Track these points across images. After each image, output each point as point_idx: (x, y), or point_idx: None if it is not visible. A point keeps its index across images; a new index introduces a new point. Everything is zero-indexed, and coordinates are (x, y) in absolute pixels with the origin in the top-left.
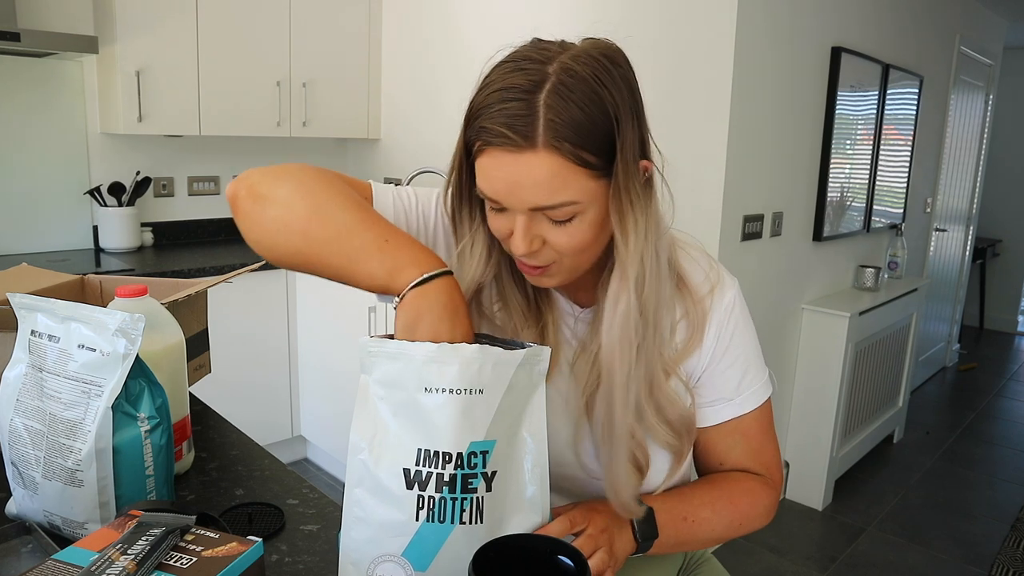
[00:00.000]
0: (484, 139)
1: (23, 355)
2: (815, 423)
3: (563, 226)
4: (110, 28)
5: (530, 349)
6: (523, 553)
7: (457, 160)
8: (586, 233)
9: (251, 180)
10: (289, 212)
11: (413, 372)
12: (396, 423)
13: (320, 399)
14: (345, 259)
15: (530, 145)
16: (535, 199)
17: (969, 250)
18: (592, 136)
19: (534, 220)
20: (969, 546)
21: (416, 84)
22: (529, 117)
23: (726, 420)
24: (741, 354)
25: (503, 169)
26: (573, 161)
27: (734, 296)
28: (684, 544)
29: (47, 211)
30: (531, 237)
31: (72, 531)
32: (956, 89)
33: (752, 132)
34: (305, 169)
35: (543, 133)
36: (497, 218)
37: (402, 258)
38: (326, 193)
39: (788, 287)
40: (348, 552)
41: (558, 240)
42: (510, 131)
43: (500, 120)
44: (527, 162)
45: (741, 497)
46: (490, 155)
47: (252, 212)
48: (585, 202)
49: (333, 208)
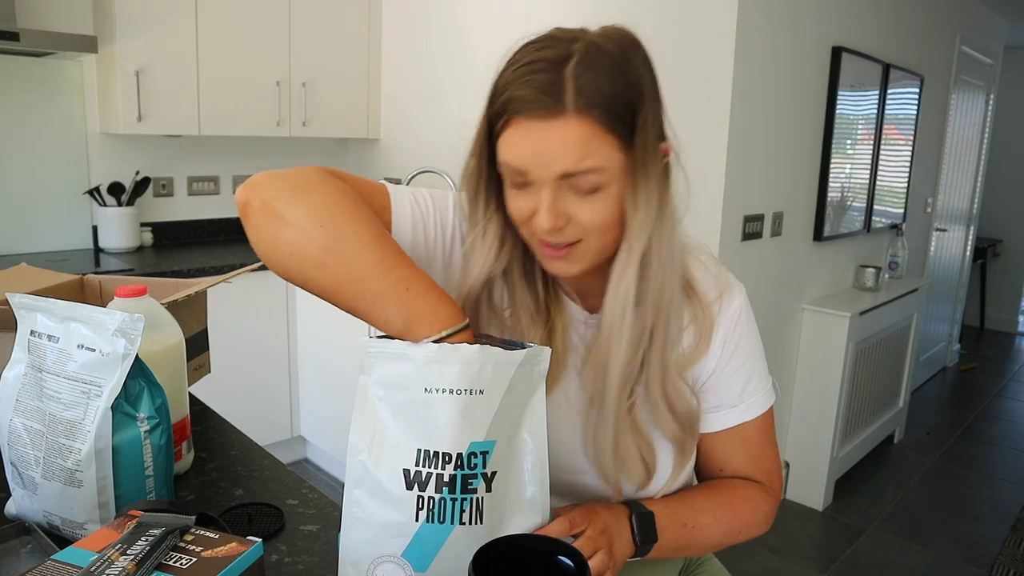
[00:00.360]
0: (512, 109)
1: (23, 355)
2: (815, 423)
3: (588, 200)
4: (110, 28)
5: (530, 349)
6: (523, 553)
7: (478, 142)
8: (610, 209)
9: (265, 193)
10: (306, 240)
11: (413, 373)
12: (396, 424)
13: (320, 399)
14: (361, 301)
15: (560, 111)
16: (564, 165)
17: (969, 250)
18: (618, 107)
19: (560, 194)
20: (970, 546)
21: (416, 84)
22: (558, 86)
23: (728, 427)
24: (746, 361)
25: (531, 137)
26: (602, 128)
27: (741, 303)
28: (683, 549)
29: (47, 211)
30: (557, 212)
31: (71, 531)
32: (956, 89)
33: (752, 132)
34: (324, 186)
35: (573, 100)
36: (519, 197)
37: (421, 309)
38: (347, 225)
39: (788, 287)
40: (348, 553)
41: (583, 215)
42: (540, 98)
43: (529, 90)
44: (557, 128)
45: (741, 504)
46: (517, 125)
47: (264, 228)
48: (610, 172)
49: (354, 245)
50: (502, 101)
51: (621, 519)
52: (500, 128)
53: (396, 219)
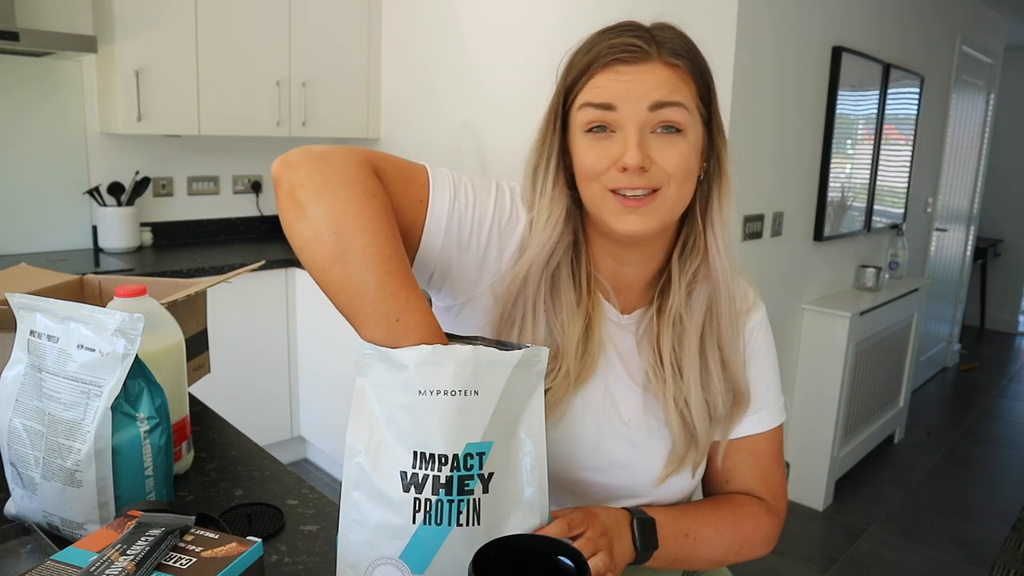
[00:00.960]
0: (601, 58)
1: (22, 355)
2: (816, 423)
3: (672, 141)
4: (109, 28)
5: (527, 350)
6: (523, 554)
7: (551, 113)
8: (690, 154)
9: (295, 177)
10: (317, 241)
11: (408, 374)
12: (391, 426)
13: (319, 400)
14: (353, 316)
15: (650, 56)
16: (653, 95)
17: (970, 250)
18: (700, 67)
19: (643, 136)
20: (970, 547)
21: (416, 84)
22: (646, 39)
23: (740, 436)
24: (764, 372)
25: (620, 78)
26: (688, 75)
27: (762, 317)
28: (683, 561)
29: (46, 211)
30: (643, 151)
31: (71, 531)
32: (957, 89)
33: (752, 132)
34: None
35: (658, 50)
36: (596, 147)
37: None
38: (359, 239)
39: (789, 287)
40: (346, 555)
41: (668, 157)
42: (629, 47)
43: (618, 41)
44: (646, 69)
45: (745, 521)
46: (605, 72)
47: (287, 212)
48: (692, 117)
49: (360, 262)
50: (587, 60)
51: (622, 523)
52: (581, 86)
53: (432, 214)
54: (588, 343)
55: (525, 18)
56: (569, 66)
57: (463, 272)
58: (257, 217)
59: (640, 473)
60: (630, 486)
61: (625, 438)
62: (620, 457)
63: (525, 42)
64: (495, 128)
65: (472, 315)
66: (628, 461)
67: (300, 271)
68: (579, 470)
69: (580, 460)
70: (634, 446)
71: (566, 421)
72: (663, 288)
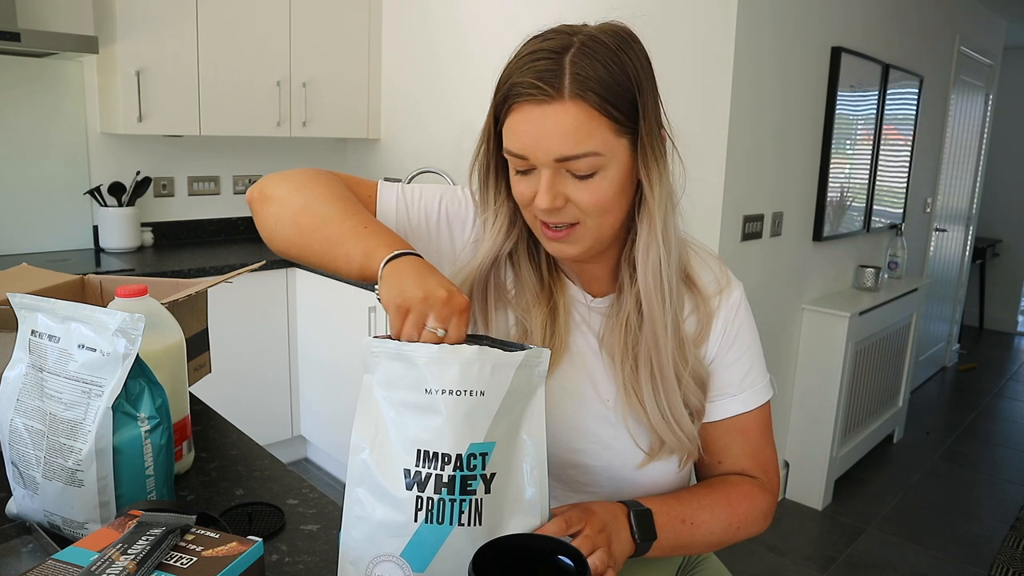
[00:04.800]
0: (513, 94)
1: (23, 355)
2: (815, 423)
3: (586, 182)
4: (110, 28)
5: (530, 351)
6: (523, 553)
7: (485, 130)
8: (607, 191)
9: (263, 183)
10: (284, 207)
11: (414, 373)
12: (397, 423)
13: (320, 399)
14: (327, 244)
15: (557, 96)
16: (560, 149)
17: (969, 250)
18: (615, 93)
19: (558, 176)
20: (969, 546)
21: (416, 84)
22: (556, 72)
23: (728, 416)
24: (745, 352)
25: (530, 122)
26: (598, 111)
27: (740, 296)
28: (683, 547)
29: (47, 211)
30: (555, 193)
31: (72, 531)
32: (956, 89)
33: (752, 132)
34: (309, 172)
35: (569, 85)
36: (522, 181)
37: (375, 242)
38: (317, 190)
39: (788, 287)
40: (347, 551)
41: (581, 197)
42: (538, 84)
43: (529, 76)
44: (554, 113)
45: (739, 500)
46: (518, 111)
47: (260, 210)
48: (607, 156)
49: (320, 202)
50: (505, 89)
51: (619, 518)
52: (503, 116)
53: (380, 204)
54: (555, 323)
55: (526, 17)
56: (497, 84)
57: None
58: None
59: (621, 454)
60: (613, 467)
61: (604, 417)
62: (602, 437)
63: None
64: None
65: None
66: (609, 441)
67: (300, 271)
68: (563, 452)
69: (563, 441)
70: (613, 425)
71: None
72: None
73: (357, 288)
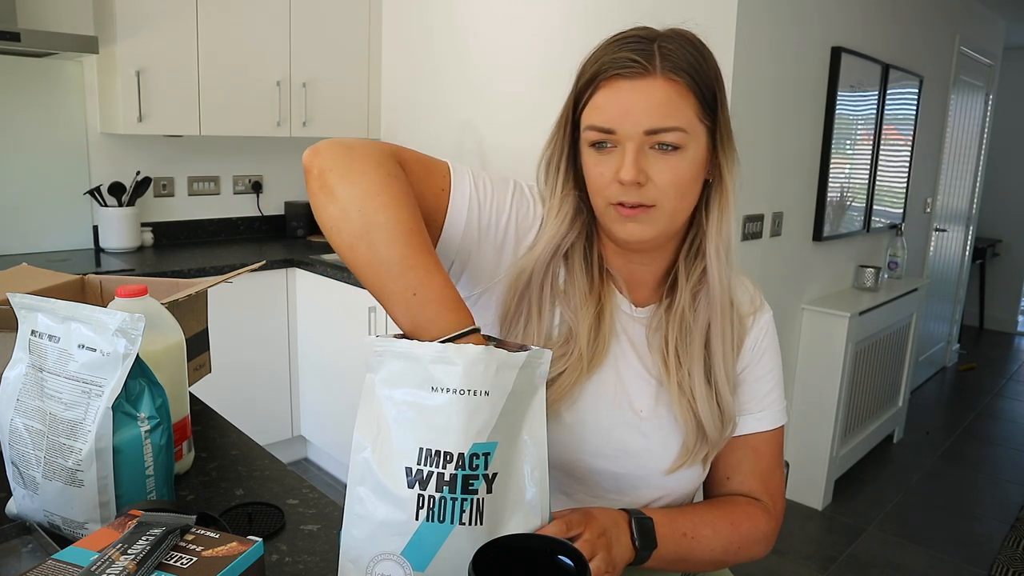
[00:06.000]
0: (604, 72)
1: (23, 355)
2: (815, 423)
3: (668, 160)
4: (110, 28)
5: (531, 352)
6: (523, 553)
7: (563, 117)
8: (686, 172)
9: (324, 162)
10: (344, 220)
11: (419, 372)
12: (399, 422)
13: (320, 399)
14: (377, 290)
15: (649, 72)
16: (650, 121)
17: (969, 250)
18: (702, 78)
19: (642, 152)
20: (969, 546)
21: (416, 84)
22: (648, 52)
23: (743, 433)
24: (768, 372)
25: (621, 96)
26: (687, 90)
27: (770, 320)
28: (682, 561)
29: (47, 211)
30: (639, 167)
31: (72, 531)
32: (956, 89)
33: (752, 132)
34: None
35: (661, 63)
36: (600, 161)
37: (423, 316)
38: (383, 215)
39: (788, 287)
40: (348, 550)
41: (663, 175)
42: (633, 58)
43: (622, 55)
44: (645, 87)
45: (743, 520)
46: (608, 87)
47: (317, 198)
48: (691, 135)
49: (383, 236)
50: (592, 71)
51: (620, 524)
52: (588, 96)
53: (453, 203)
54: (600, 328)
55: (525, 17)
56: (580, 73)
57: (481, 262)
58: (258, 217)
59: (650, 463)
60: (640, 475)
61: (636, 428)
62: (631, 446)
63: (525, 41)
64: (496, 127)
65: (487, 306)
66: (638, 451)
67: (300, 271)
68: (590, 457)
69: (591, 447)
70: (645, 436)
71: (579, 407)
72: (671, 286)
73: (357, 288)
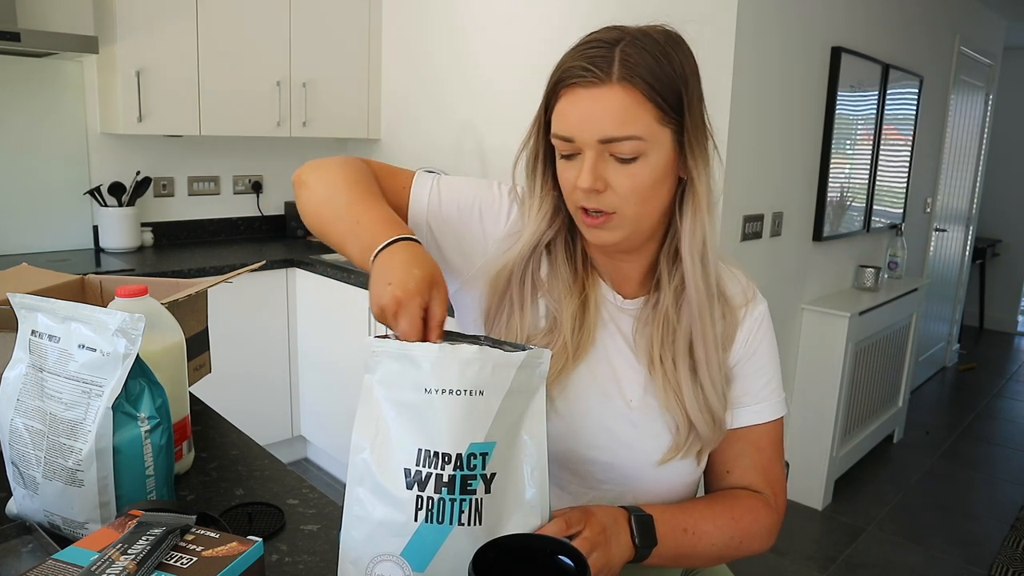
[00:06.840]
0: (565, 79)
1: (23, 355)
2: (815, 423)
3: (627, 167)
4: (110, 28)
5: (530, 351)
6: (523, 553)
7: (536, 119)
8: (647, 178)
9: (302, 170)
10: (313, 196)
11: (414, 372)
12: (397, 423)
13: (320, 399)
14: (338, 243)
15: (606, 79)
16: (604, 130)
17: (969, 250)
18: (662, 82)
19: (601, 159)
20: (969, 546)
21: (416, 84)
22: (607, 59)
23: (741, 426)
24: (764, 364)
25: (578, 104)
26: (644, 97)
27: (764, 312)
28: (683, 557)
29: (48, 211)
30: (596, 175)
31: (72, 531)
32: (956, 89)
33: (752, 132)
34: (341, 163)
35: (618, 70)
36: (567, 167)
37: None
38: (341, 184)
39: (788, 287)
40: (347, 551)
41: (621, 182)
42: (589, 67)
43: (581, 61)
44: (602, 95)
45: (744, 514)
46: (568, 94)
47: (298, 194)
48: (650, 142)
49: (340, 195)
50: (555, 78)
51: (620, 521)
52: (553, 102)
53: (413, 197)
54: (585, 317)
55: (525, 17)
56: (549, 77)
57: (448, 256)
58: (258, 217)
59: (641, 454)
60: (632, 466)
61: (626, 417)
62: (622, 436)
63: (525, 41)
64: (496, 127)
65: (467, 305)
66: (630, 440)
67: (300, 271)
68: (582, 448)
69: (583, 437)
70: (635, 426)
71: (570, 396)
72: (657, 283)
73: (357, 288)
